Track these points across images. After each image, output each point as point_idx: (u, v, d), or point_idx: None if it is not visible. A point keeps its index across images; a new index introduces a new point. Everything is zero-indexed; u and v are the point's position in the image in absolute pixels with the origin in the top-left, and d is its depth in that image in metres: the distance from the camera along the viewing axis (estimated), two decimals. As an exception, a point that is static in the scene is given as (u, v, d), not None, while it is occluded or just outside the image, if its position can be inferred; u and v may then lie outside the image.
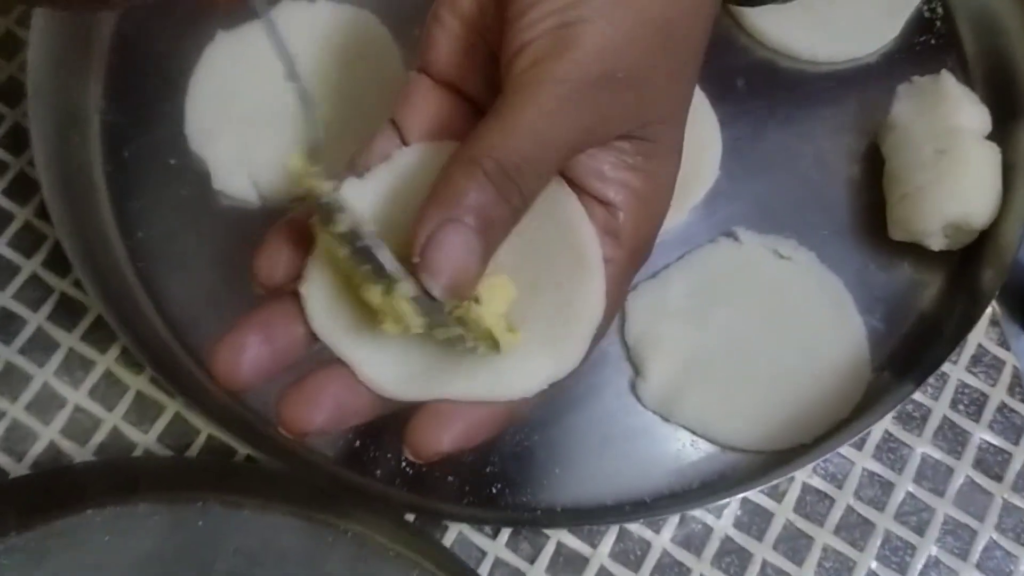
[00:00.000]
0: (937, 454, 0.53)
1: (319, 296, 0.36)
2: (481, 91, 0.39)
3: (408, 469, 0.50)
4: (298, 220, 0.37)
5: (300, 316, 0.36)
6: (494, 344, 0.34)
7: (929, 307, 0.54)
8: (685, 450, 0.51)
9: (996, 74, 0.58)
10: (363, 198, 0.37)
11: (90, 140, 0.54)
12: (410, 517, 0.49)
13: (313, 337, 0.36)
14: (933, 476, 0.53)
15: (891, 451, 0.53)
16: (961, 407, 0.54)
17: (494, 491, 0.50)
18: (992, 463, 0.53)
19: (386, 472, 0.50)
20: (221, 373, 0.35)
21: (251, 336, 0.35)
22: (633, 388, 0.51)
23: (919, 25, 0.59)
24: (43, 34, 0.52)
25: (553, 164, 0.34)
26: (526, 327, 0.36)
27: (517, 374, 0.35)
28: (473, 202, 0.32)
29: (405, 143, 0.39)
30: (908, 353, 0.53)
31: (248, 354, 0.35)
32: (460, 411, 0.35)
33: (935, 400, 0.54)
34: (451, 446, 0.34)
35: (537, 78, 0.33)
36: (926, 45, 0.59)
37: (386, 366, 0.35)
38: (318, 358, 0.36)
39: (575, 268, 0.36)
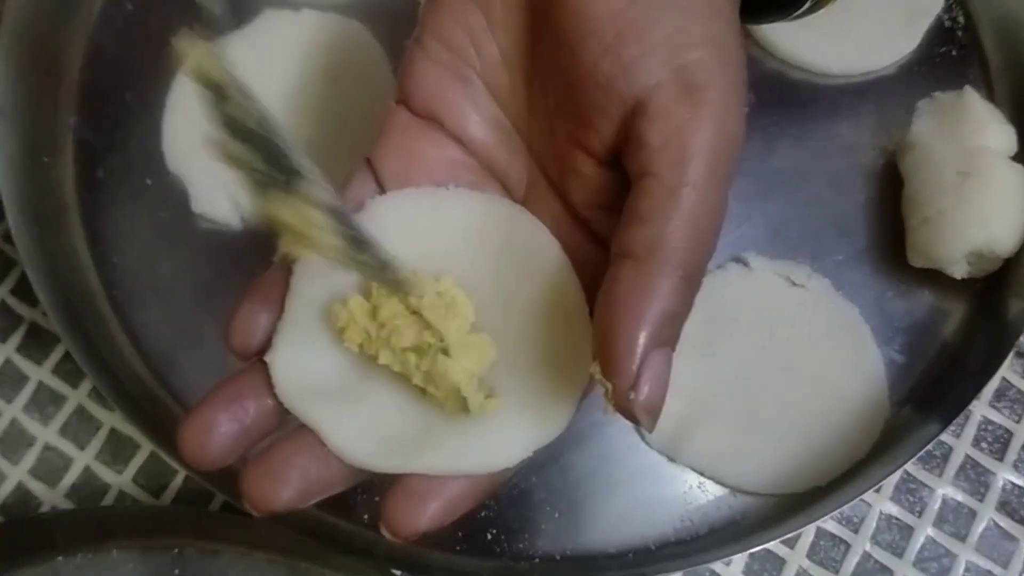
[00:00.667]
0: (959, 496, 0.50)
1: (287, 363, 0.33)
2: (473, 127, 0.36)
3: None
4: (274, 281, 0.34)
5: (269, 389, 0.33)
6: (461, 404, 0.32)
7: (952, 338, 0.51)
8: (692, 492, 0.48)
9: (1021, 86, 0.55)
10: None
11: (62, 159, 0.52)
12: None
13: (284, 411, 0.33)
14: (955, 519, 0.50)
15: (910, 492, 0.50)
16: (984, 445, 0.51)
17: (489, 537, 0.47)
18: (1017, 505, 0.50)
19: (373, 516, 0.47)
20: (190, 455, 0.33)
21: (220, 415, 0.33)
22: (638, 426, 0.49)
23: (939, 35, 0.56)
24: (12, 46, 0.49)
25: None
26: (507, 390, 0.33)
27: (498, 443, 0.33)
28: (674, 317, 0.30)
29: (381, 187, 0.36)
30: (929, 387, 0.50)
31: (217, 434, 0.32)
32: (439, 487, 0.32)
33: (956, 438, 0.51)
34: (430, 525, 0.32)
35: (687, 154, 0.30)
36: (947, 56, 0.56)
37: (358, 436, 0.33)
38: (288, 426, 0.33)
39: (561, 328, 0.33)
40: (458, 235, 0.35)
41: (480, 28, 0.36)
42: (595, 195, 0.34)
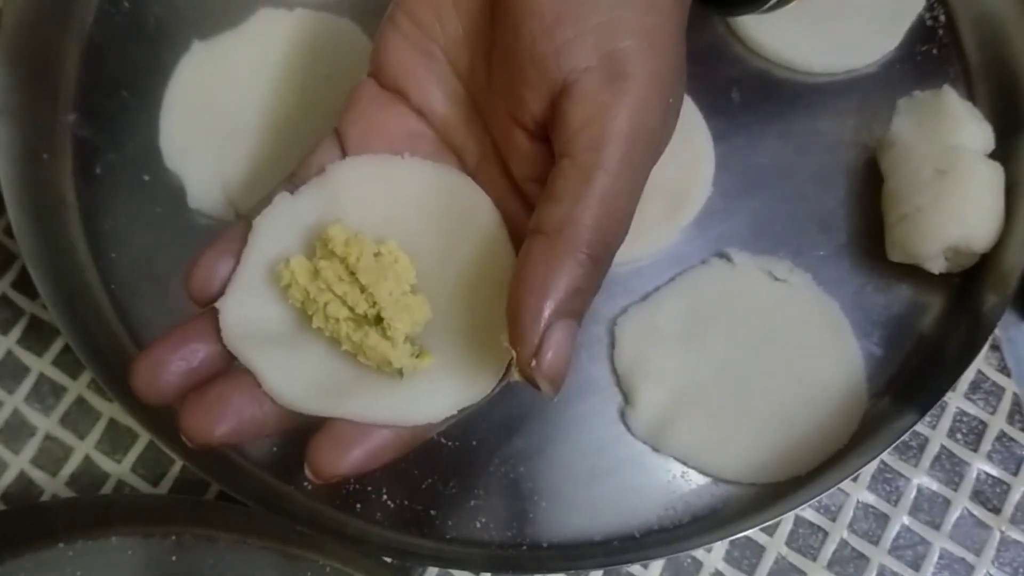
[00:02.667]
0: (934, 485, 0.51)
1: (234, 310, 0.35)
2: (435, 101, 0.38)
3: (390, 503, 0.48)
4: (235, 234, 0.36)
5: (219, 333, 0.35)
6: (393, 371, 0.34)
7: (929, 331, 0.52)
8: (676, 482, 0.49)
9: (1000, 85, 0.56)
10: (292, 212, 0.36)
11: (60, 156, 0.52)
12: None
13: (232, 356, 0.35)
14: (929, 508, 0.51)
15: (886, 482, 0.51)
16: (959, 436, 0.52)
17: (478, 525, 0.48)
18: (990, 495, 0.52)
19: (367, 507, 0.48)
20: (140, 390, 0.35)
21: (170, 355, 0.35)
22: (623, 417, 0.50)
23: (921, 34, 0.57)
24: (10, 47, 0.50)
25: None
26: (440, 350, 0.35)
27: (425, 399, 0.34)
28: (580, 293, 0.32)
29: (344, 154, 0.38)
30: (907, 379, 0.51)
31: (167, 372, 0.35)
32: (363, 434, 0.34)
33: (932, 429, 0.52)
34: (350, 469, 0.33)
35: (603, 138, 0.32)
36: (928, 55, 0.57)
37: (291, 379, 0.35)
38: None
39: (494, 295, 0.35)
40: (406, 202, 0.37)
41: (446, 5, 0.37)
42: (530, 169, 0.36)
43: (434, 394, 0.34)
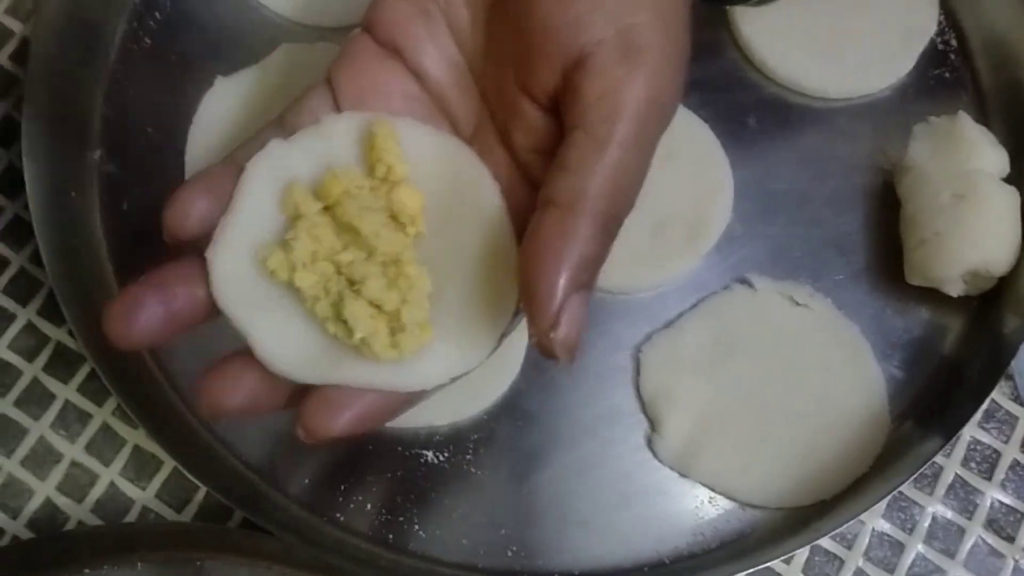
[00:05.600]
0: (948, 514, 0.52)
1: (227, 264, 0.34)
2: (430, 63, 0.37)
3: (421, 533, 0.49)
4: (222, 174, 0.36)
5: (203, 281, 0.35)
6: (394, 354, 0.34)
7: (950, 353, 0.53)
8: (703, 507, 0.50)
9: (1013, 108, 0.57)
10: (286, 161, 0.36)
11: (87, 192, 0.53)
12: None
13: (214, 306, 0.35)
14: (944, 537, 0.52)
15: (901, 510, 0.52)
16: (973, 465, 0.53)
17: (509, 554, 0.49)
18: (1004, 523, 0.52)
19: (399, 538, 0.49)
20: (113, 331, 0.34)
21: (148, 296, 0.34)
22: (649, 443, 0.50)
23: (933, 58, 0.58)
24: (37, 89, 0.51)
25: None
26: (434, 318, 0.35)
27: (420, 366, 0.34)
28: (593, 263, 0.32)
29: (338, 108, 0.37)
30: (930, 402, 0.52)
31: (143, 313, 0.34)
32: (355, 396, 0.34)
33: (947, 457, 0.53)
34: (342, 431, 0.33)
35: (618, 112, 0.32)
36: (941, 78, 0.58)
37: (285, 346, 0.34)
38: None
39: (490, 265, 0.35)
40: (408, 165, 0.36)
41: None
42: (535, 140, 0.36)
43: (428, 362, 0.34)
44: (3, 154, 0.55)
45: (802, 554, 0.51)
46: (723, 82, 0.57)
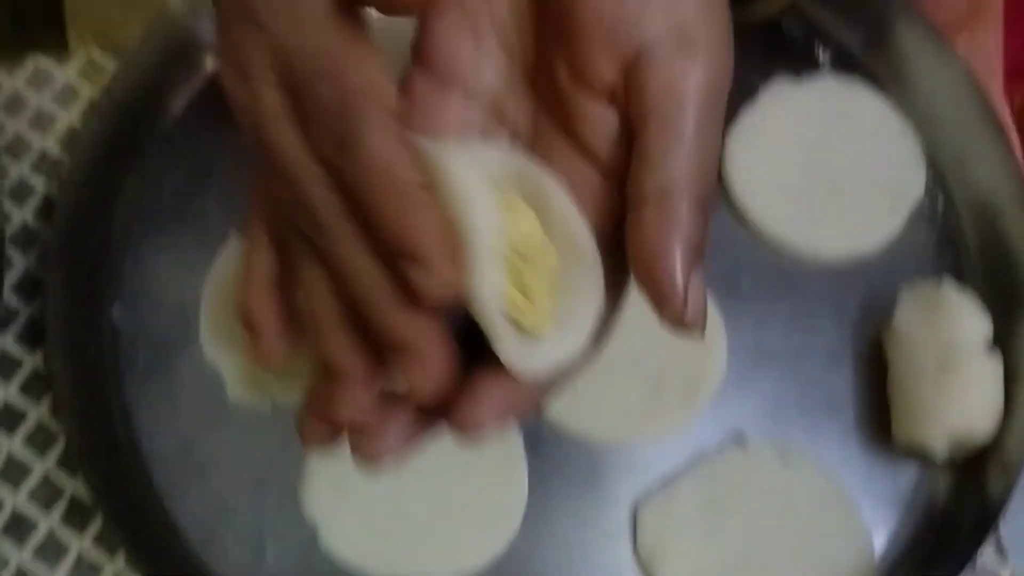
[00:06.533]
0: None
1: (487, 277, 0.34)
2: (487, 80, 0.38)
3: None
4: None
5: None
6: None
7: (938, 513, 0.54)
8: (699, 668, 0.51)
9: (999, 266, 0.59)
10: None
11: (104, 348, 0.55)
12: None
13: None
14: None
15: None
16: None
17: None
18: None
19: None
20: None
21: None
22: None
23: (921, 218, 0.60)
24: (60, 250, 0.53)
25: None
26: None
27: (536, 352, 0.35)
28: (699, 242, 0.34)
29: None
30: (917, 560, 0.53)
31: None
32: (503, 388, 0.35)
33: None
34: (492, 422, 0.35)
35: (686, 102, 0.34)
36: (929, 238, 0.60)
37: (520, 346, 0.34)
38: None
39: (572, 262, 0.36)
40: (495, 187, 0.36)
41: None
42: (601, 130, 0.37)
43: (539, 350, 0.35)
44: (23, 308, 0.57)
45: None
46: (716, 241, 0.57)
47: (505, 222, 0.34)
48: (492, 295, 0.33)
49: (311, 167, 0.34)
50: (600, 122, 0.37)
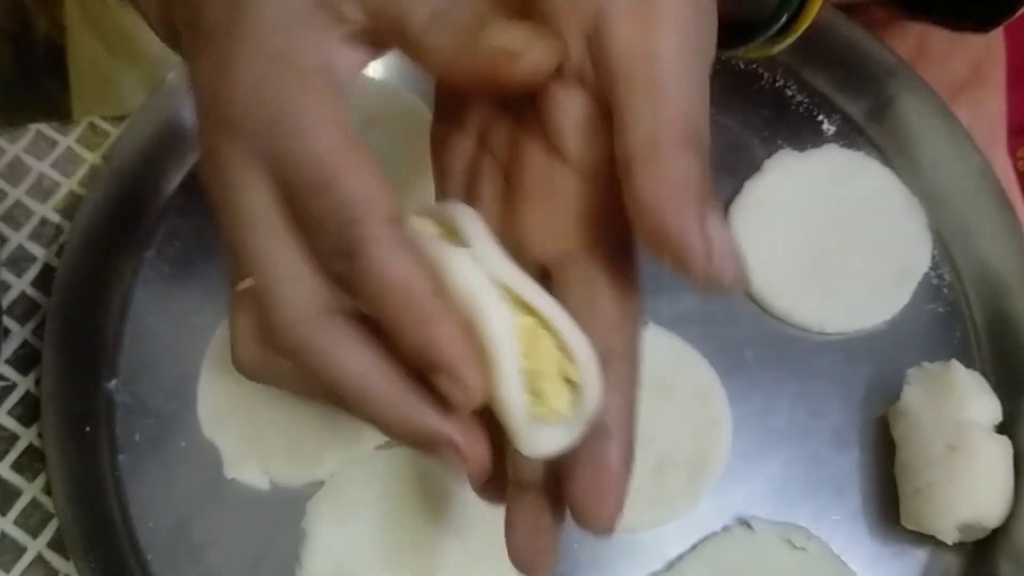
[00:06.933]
0: None
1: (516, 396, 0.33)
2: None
3: None
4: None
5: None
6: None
7: (945, 599, 0.54)
8: None
9: (1006, 342, 0.58)
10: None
11: (101, 424, 0.54)
12: None
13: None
14: None
15: None
16: None
17: None
18: None
19: None
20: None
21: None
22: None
23: (927, 293, 0.59)
24: (57, 326, 0.53)
25: None
26: None
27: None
28: (700, 177, 0.31)
29: None
30: (926, 648, 0.52)
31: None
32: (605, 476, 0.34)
33: None
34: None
35: (654, 51, 0.32)
36: (935, 313, 0.59)
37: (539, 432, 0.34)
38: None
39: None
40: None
41: None
42: (572, 119, 0.35)
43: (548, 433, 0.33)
44: (21, 380, 0.56)
45: None
46: (722, 316, 0.58)
47: (515, 318, 0.33)
48: (516, 402, 0.32)
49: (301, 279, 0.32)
50: (571, 109, 0.35)
